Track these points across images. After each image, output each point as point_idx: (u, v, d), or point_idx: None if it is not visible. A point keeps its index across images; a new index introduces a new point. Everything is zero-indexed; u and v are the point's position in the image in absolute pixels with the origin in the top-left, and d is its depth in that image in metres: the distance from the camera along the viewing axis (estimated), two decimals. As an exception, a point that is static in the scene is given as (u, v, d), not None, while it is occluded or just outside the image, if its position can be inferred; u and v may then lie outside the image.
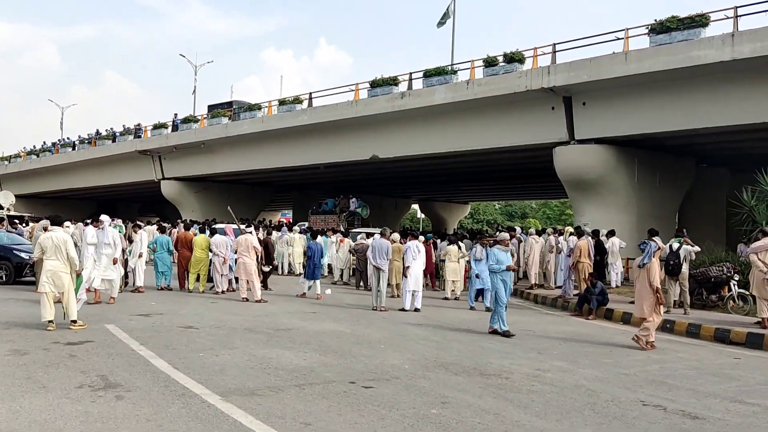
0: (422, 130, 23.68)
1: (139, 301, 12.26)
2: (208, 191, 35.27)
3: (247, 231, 13.66)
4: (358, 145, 25.81)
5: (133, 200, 53.18)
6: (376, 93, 24.01)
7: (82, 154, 39.34)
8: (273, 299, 13.55)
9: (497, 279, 10.06)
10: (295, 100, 27.11)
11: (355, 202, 33.89)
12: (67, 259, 8.69)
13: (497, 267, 10.00)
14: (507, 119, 21.37)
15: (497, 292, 10.00)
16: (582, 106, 19.69)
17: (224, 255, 14.49)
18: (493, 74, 20.68)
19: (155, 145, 33.55)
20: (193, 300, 12.94)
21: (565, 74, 18.73)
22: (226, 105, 32.91)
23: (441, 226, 48.20)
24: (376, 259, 12.47)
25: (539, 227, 75.25)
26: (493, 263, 10.07)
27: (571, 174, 20.56)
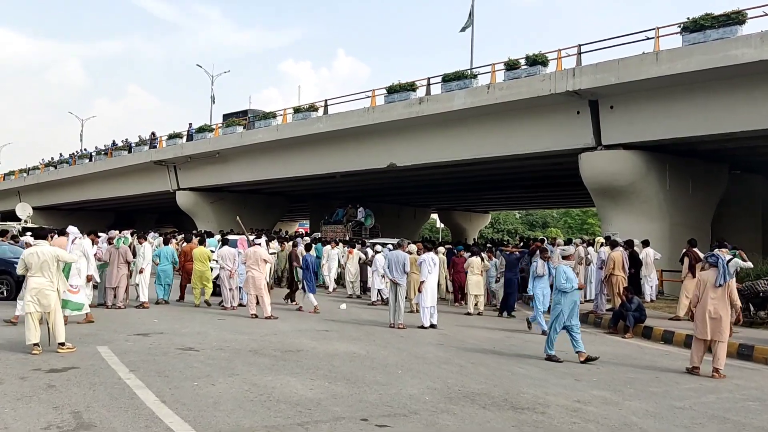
0: (441, 137, 22.84)
1: (142, 318, 11.54)
2: (223, 202, 34.69)
3: (256, 243, 12.90)
4: (375, 153, 25.03)
5: (150, 211, 52.93)
6: (393, 99, 23.23)
7: (98, 166, 39.06)
8: (285, 316, 12.75)
9: (566, 299, 8.81)
10: (311, 108, 26.44)
11: (362, 211, 33.15)
12: (54, 276, 7.97)
13: (568, 286, 8.80)
14: (530, 125, 20.46)
15: (560, 315, 8.79)
16: (609, 109, 18.72)
17: (231, 268, 13.77)
18: (515, 78, 19.81)
19: (170, 155, 33.08)
20: (199, 316, 12.18)
21: (591, 76, 17.79)
22: (241, 114, 32.37)
23: (461, 236, 47.21)
24: (392, 273, 11.63)
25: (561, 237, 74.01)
26: (563, 282, 8.81)
27: (598, 181, 19.55)
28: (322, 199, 41.08)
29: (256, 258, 12.39)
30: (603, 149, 19.05)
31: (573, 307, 8.81)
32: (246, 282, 12.56)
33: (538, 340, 10.68)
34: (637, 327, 11.37)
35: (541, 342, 9.58)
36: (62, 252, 8.21)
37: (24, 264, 7.95)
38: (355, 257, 17.96)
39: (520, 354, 9.28)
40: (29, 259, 7.88)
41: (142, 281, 13.49)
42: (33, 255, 7.88)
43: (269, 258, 13.00)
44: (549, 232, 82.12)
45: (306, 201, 41.30)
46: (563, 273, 8.94)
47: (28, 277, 7.94)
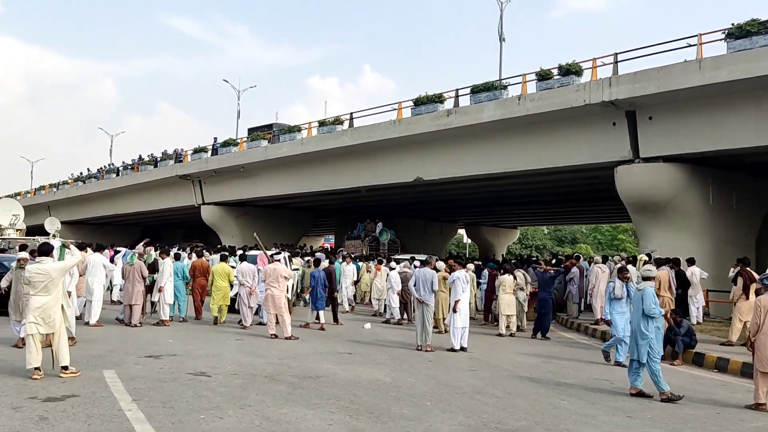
0: (470, 150, 22.12)
1: (157, 337, 10.98)
2: (248, 216, 34.33)
3: (275, 259, 12.30)
4: (401, 167, 24.39)
5: (176, 226, 52.94)
6: (420, 111, 22.61)
7: (124, 180, 39.08)
8: (306, 336, 12.10)
9: (652, 326, 7.80)
10: (336, 121, 25.95)
11: (379, 226, 32.54)
12: (60, 293, 7.45)
13: (657, 311, 7.84)
14: (563, 137, 19.65)
15: (651, 344, 7.74)
16: (648, 120, 17.84)
17: (251, 285, 13.20)
18: (547, 88, 19.05)
19: (195, 169, 32.86)
20: (216, 336, 11.58)
21: (629, 86, 16.96)
22: (266, 128, 32.02)
23: (489, 252, 46.27)
24: (419, 292, 10.90)
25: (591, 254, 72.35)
26: (652, 306, 7.78)
27: (636, 196, 18.63)
28: (347, 214, 40.52)
29: (276, 275, 11.79)
30: (641, 162, 18.16)
31: (658, 334, 7.90)
32: (265, 300, 11.95)
33: (579, 366, 9.88)
34: (687, 353, 10.46)
35: (583, 369, 8.79)
36: (68, 263, 7.70)
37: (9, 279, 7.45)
38: (383, 274, 17.26)
39: (560, 383, 8.47)
40: (33, 278, 7.34)
41: (162, 299, 12.99)
42: (37, 274, 7.35)
43: (290, 275, 12.40)
44: (578, 248, 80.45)
45: (331, 216, 40.80)
46: (651, 296, 7.90)
47: (30, 296, 7.40)
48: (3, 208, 26.59)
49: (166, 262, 13.43)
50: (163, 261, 13.55)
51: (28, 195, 52.93)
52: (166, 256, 13.73)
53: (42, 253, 7.63)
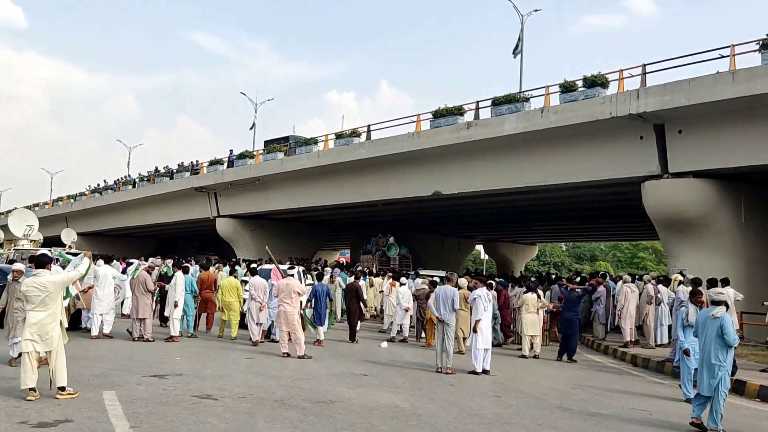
0: (490, 164, 21.56)
1: (163, 355, 10.49)
2: (263, 229, 33.95)
3: (289, 274, 11.78)
4: (420, 181, 23.86)
5: (192, 238, 52.79)
6: (440, 124, 22.11)
7: (140, 192, 38.96)
8: (319, 355, 11.55)
9: (729, 356, 7.06)
10: (353, 134, 25.54)
11: (391, 241, 32.00)
12: (58, 308, 6.99)
13: (736, 339, 7.17)
14: (587, 151, 19.03)
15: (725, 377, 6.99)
16: (677, 134, 17.19)
17: (261, 300, 12.71)
18: (572, 101, 18.48)
19: (211, 181, 32.57)
20: (226, 354, 11.06)
21: (658, 98, 16.33)
22: (282, 140, 31.70)
23: (507, 269, 45.50)
24: (439, 310, 10.32)
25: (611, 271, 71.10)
26: (733, 333, 7.07)
27: (664, 212, 17.92)
28: (363, 229, 39.98)
29: (289, 291, 11.26)
30: (670, 177, 17.48)
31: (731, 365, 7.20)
32: (278, 317, 11.43)
33: (612, 394, 9.22)
34: (727, 380, 9.73)
35: (616, 397, 8.15)
36: (67, 275, 7.23)
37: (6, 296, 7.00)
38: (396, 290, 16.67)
39: (594, 413, 7.83)
40: (29, 292, 6.87)
41: (174, 314, 12.55)
42: (34, 288, 6.88)
43: (303, 290, 11.87)
44: (598, 265, 79.27)
45: (346, 230, 40.34)
46: (731, 322, 7.19)
47: (27, 311, 6.93)
48: (18, 219, 26.41)
49: (178, 276, 12.99)
50: (176, 275, 13.13)
51: (46, 206, 53.07)
52: (178, 269, 13.29)
53: (39, 264, 7.15)
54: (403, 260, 29.72)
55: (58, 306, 7.02)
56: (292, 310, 11.18)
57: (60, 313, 7.07)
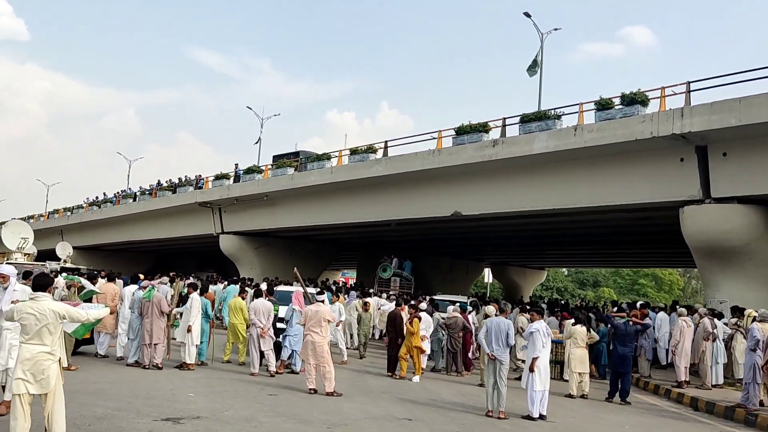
0: (515, 184, 20.46)
1: (174, 390, 9.26)
2: (268, 247, 32.77)
3: (318, 300, 10.57)
4: (438, 200, 22.73)
5: (192, 254, 51.46)
6: (463, 141, 21.04)
7: (142, 206, 37.75)
8: (349, 391, 10.31)
9: None
10: (369, 150, 24.45)
11: (395, 262, 30.69)
12: (56, 342, 5.77)
13: None
14: (622, 173, 17.95)
15: None
16: (722, 157, 16.12)
17: (263, 326, 11.53)
18: (608, 119, 17.44)
19: (216, 196, 31.41)
20: (244, 390, 9.81)
21: (705, 117, 15.29)
22: (292, 155, 30.59)
23: (515, 293, 44.30)
24: (491, 346, 9.11)
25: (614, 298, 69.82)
26: None
27: (705, 239, 16.77)
28: (372, 249, 38.76)
29: (318, 318, 10.06)
30: (712, 203, 16.39)
31: None
32: (304, 347, 10.20)
33: None
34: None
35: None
36: (72, 310, 5.99)
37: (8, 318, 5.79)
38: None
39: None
40: (25, 320, 5.66)
41: (189, 340, 11.35)
42: (30, 315, 5.66)
43: (333, 318, 10.66)
44: (601, 291, 78.09)
45: (354, 250, 39.14)
46: None
47: (20, 344, 5.72)
48: (12, 231, 25.09)
49: (194, 298, 11.79)
50: (191, 296, 11.93)
51: (42, 218, 51.76)
52: (193, 291, 12.07)
53: (38, 286, 5.91)
54: (404, 283, 28.37)
55: (57, 340, 5.79)
56: (321, 340, 9.97)
57: (60, 349, 5.85)
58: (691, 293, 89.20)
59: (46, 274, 6.19)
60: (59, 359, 5.79)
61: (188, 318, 11.50)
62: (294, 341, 11.73)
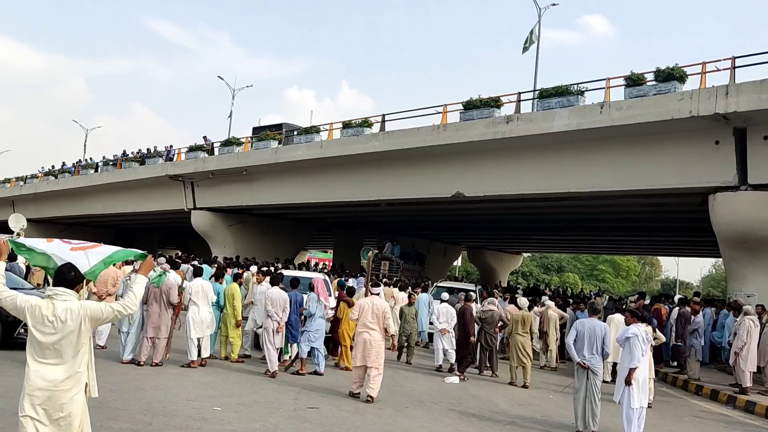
0: (527, 165, 19.06)
1: (194, 400, 7.53)
2: (243, 225, 30.73)
3: (374, 292, 8.93)
4: (439, 180, 21.17)
5: (154, 231, 48.83)
6: (472, 116, 19.50)
7: (105, 177, 35.01)
8: (393, 398, 8.73)
9: None
10: (364, 123, 22.66)
11: (390, 246, 29.22)
12: (82, 361, 4.00)
13: None
14: (649, 155, 16.71)
15: None
16: (762, 140, 14.98)
17: (279, 319, 9.91)
18: (640, 96, 16.12)
19: (189, 169, 29.13)
20: (276, 400, 8.11)
21: (753, 96, 14.05)
22: (274, 127, 28.55)
23: (490, 278, 43.25)
24: (582, 353, 7.63)
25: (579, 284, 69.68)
26: None
27: (738, 228, 15.66)
28: (350, 229, 37.27)
29: (377, 313, 8.45)
30: (749, 189, 15.28)
31: None
32: (357, 347, 8.56)
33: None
34: None
35: None
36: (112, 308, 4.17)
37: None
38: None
39: None
40: (39, 328, 3.87)
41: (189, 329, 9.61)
42: (49, 324, 3.87)
43: (389, 314, 8.97)
44: (566, 276, 78.27)
45: (330, 230, 37.41)
46: None
47: (28, 363, 3.93)
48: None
49: (197, 284, 9.99)
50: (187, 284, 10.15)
51: (-10, 187, 48.26)
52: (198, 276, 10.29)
53: (63, 280, 4.09)
54: (393, 267, 26.85)
55: (84, 358, 4.02)
56: (379, 339, 8.40)
57: (89, 370, 4.09)
58: (645, 279, 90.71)
59: (73, 266, 4.30)
60: (86, 385, 4.03)
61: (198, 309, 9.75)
62: (315, 337, 10.07)
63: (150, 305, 9.48)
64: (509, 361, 11.38)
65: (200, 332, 9.89)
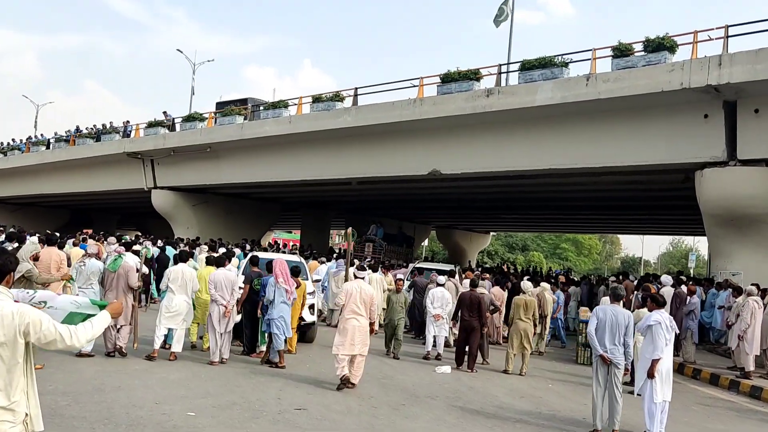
0: (508, 141, 18.34)
1: (164, 403, 6.56)
2: (207, 205, 29.43)
3: (359, 276, 8.05)
4: (415, 157, 20.28)
5: (112, 211, 46.87)
6: (450, 90, 18.60)
7: (58, 155, 33.11)
8: (387, 394, 7.90)
9: None
10: (336, 97, 21.57)
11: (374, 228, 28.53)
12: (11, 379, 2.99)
13: None
14: (635, 130, 16.14)
15: None
16: (753, 114, 14.51)
17: (226, 302, 9.00)
18: (628, 67, 15.46)
19: (149, 146, 27.61)
20: (258, 400, 7.18)
21: (748, 66, 13.50)
22: (240, 102, 27.19)
23: (459, 258, 42.74)
24: (603, 344, 6.78)
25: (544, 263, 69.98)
26: None
27: (725, 205, 15.20)
28: (317, 209, 36.22)
29: (365, 299, 7.65)
30: (738, 165, 14.81)
31: None
32: (341, 335, 7.74)
33: None
34: None
35: None
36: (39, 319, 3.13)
37: None
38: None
39: None
40: None
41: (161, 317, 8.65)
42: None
43: (373, 300, 8.09)
44: (531, 255, 78.50)
45: (297, 210, 36.28)
46: None
47: None
48: None
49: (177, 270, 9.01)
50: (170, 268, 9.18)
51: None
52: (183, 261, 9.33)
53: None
54: (377, 248, 26.02)
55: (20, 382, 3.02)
56: (366, 323, 7.60)
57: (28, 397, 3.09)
58: (605, 257, 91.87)
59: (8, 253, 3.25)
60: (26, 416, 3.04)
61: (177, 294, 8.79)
62: (280, 325, 9.10)
63: (108, 291, 8.45)
64: (507, 347, 10.64)
65: (171, 323, 8.89)
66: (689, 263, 63.01)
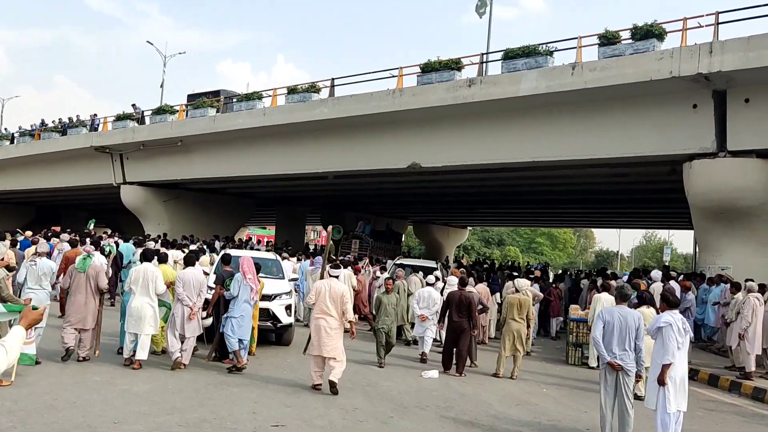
0: (490, 133, 17.76)
1: (122, 422, 5.80)
2: (179, 200, 28.46)
3: (332, 274, 7.40)
4: (394, 150, 19.63)
5: (80, 208, 45.44)
6: (431, 80, 17.97)
7: (22, 149, 31.77)
8: (374, 404, 7.25)
9: None
10: (311, 89, 20.79)
11: (361, 225, 28.09)
12: None
13: None
14: (622, 120, 15.67)
15: None
16: (743, 104, 14.10)
17: (192, 303, 8.35)
18: (615, 55, 14.96)
19: (117, 140, 26.53)
20: (230, 415, 6.48)
21: (740, 54, 13.06)
22: (212, 94, 26.28)
23: (437, 253, 42.22)
24: (610, 348, 6.17)
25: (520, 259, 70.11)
26: None
27: (715, 198, 14.78)
28: (292, 205, 35.43)
29: (334, 297, 6.98)
30: (727, 156, 14.40)
31: None
32: (314, 335, 7.08)
33: None
34: None
35: None
36: None
37: None
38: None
39: None
40: None
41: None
42: None
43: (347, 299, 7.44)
44: (508, 250, 78.42)
45: (272, 205, 35.41)
46: None
47: None
48: None
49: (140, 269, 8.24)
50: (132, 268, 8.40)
51: None
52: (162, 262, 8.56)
53: None
54: (363, 245, 25.40)
55: None
56: (336, 326, 6.94)
57: None
58: (580, 251, 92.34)
59: None
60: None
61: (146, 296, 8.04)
62: (238, 325, 8.38)
63: (74, 294, 7.70)
64: (499, 349, 10.04)
65: (135, 328, 8.11)
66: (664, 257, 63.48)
